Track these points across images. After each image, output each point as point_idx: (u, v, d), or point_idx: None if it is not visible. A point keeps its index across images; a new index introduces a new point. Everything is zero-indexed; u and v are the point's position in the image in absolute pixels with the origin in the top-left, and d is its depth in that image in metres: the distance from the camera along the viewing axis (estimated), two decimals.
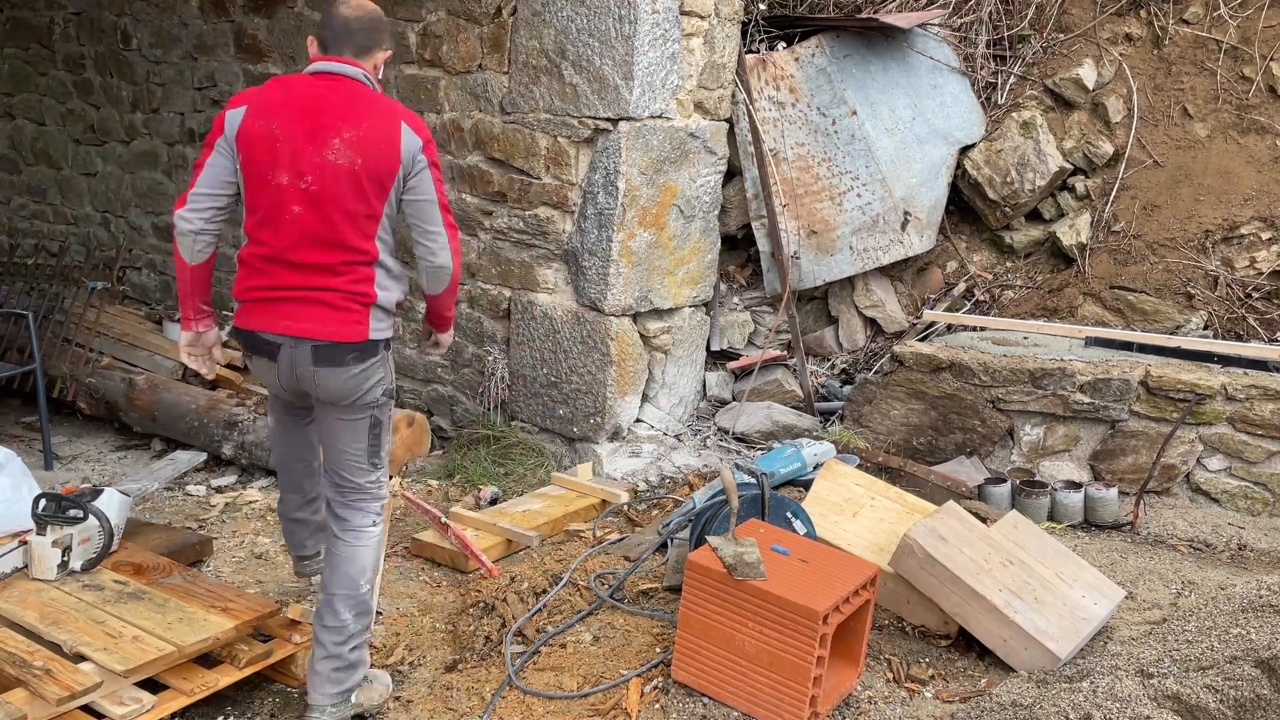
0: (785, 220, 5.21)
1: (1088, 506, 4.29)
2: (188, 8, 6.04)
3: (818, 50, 5.29)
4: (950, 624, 3.22)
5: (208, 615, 2.99)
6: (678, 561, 3.55)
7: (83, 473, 4.87)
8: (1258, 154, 5.22)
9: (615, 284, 4.65)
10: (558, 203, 4.71)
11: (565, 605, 3.42)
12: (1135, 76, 5.46)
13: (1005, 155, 5.42)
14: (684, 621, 2.92)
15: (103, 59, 6.61)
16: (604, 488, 4.44)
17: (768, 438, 4.91)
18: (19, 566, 3.19)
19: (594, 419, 4.81)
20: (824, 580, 2.83)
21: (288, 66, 5.64)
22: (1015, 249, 5.56)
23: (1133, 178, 5.35)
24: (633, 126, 4.50)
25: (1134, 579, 3.63)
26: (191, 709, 2.88)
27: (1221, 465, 4.38)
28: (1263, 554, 3.98)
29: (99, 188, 6.92)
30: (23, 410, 5.59)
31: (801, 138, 5.25)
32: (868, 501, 3.69)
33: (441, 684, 3.08)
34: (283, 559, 3.98)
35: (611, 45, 4.42)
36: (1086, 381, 4.44)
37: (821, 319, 5.64)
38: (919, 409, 4.74)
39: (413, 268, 3.11)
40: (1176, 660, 2.80)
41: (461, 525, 4.10)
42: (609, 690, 2.94)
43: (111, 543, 3.30)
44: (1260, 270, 5.01)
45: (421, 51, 5.03)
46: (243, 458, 4.78)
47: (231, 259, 3.35)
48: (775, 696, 2.76)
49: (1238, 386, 4.29)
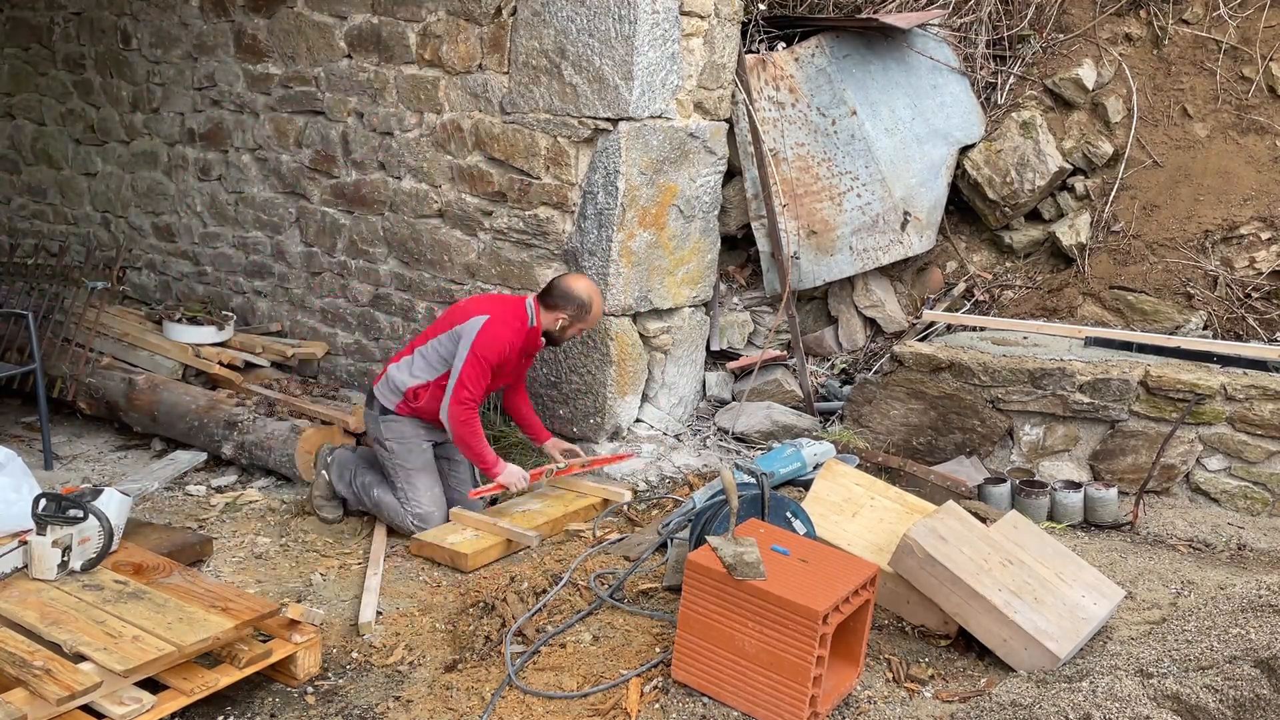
0: (785, 220, 5.21)
1: (1087, 506, 4.29)
2: (188, 8, 6.04)
3: (817, 50, 5.30)
4: (950, 624, 3.22)
5: (208, 615, 2.98)
6: (677, 561, 3.55)
7: (83, 473, 4.87)
8: (1257, 154, 5.22)
9: (615, 284, 4.65)
10: (558, 203, 4.72)
11: (565, 605, 3.42)
12: (1135, 76, 5.46)
13: (1005, 155, 5.42)
14: (684, 621, 2.92)
15: (103, 59, 6.61)
16: (604, 488, 4.45)
17: (767, 438, 4.92)
18: (19, 566, 3.19)
19: (594, 419, 4.81)
20: (824, 580, 2.83)
21: (287, 66, 5.64)
22: (1015, 249, 5.56)
23: (1132, 178, 5.36)
24: (633, 126, 4.50)
25: (1134, 579, 3.63)
26: (191, 709, 2.88)
27: (1221, 465, 4.38)
28: (1262, 554, 3.99)
29: (99, 188, 6.92)
30: (23, 410, 5.59)
31: (801, 138, 5.26)
32: (867, 501, 3.69)
33: (441, 684, 3.08)
34: (283, 559, 3.99)
35: (611, 45, 4.42)
36: (1086, 381, 4.44)
37: (821, 319, 5.65)
38: (919, 409, 4.74)
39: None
40: (1176, 660, 2.80)
41: (462, 525, 4.11)
42: (609, 690, 2.94)
43: (111, 543, 3.30)
44: (1260, 270, 5.01)
45: (421, 51, 5.04)
46: (243, 458, 4.78)
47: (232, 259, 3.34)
48: (775, 696, 2.76)
49: (1237, 386, 4.29)
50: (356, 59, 5.35)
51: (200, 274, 6.44)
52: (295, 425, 4.75)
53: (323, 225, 5.72)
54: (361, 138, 5.40)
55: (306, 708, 2.98)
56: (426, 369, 4.16)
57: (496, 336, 4.03)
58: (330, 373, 5.87)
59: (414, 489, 4.16)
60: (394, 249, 5.41)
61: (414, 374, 4.16)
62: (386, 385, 4.21)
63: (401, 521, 4.15)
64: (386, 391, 4.21)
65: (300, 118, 5.68)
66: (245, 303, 6.22)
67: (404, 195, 5.29)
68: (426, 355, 4.17)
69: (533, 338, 4.20)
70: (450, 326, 4.14)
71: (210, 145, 6.17)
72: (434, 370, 4.14)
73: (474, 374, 4.01)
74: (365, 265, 5.57)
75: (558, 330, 4.21)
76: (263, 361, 5.60)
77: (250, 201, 6.04)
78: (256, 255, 6.10)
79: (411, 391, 4.15)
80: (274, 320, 6.08)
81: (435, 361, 4.14)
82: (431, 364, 4.15)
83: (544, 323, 4.20)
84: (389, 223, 5.40)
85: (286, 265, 5.96)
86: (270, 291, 6.09)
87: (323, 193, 5.68)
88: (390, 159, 5.30)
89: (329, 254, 5.73)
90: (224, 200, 6.18)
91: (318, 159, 5.63)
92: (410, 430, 4.19)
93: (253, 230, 6.08)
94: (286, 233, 5.91)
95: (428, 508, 4.15)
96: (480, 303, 4.21)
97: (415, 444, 4.20)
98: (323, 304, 5.84)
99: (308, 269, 5.86)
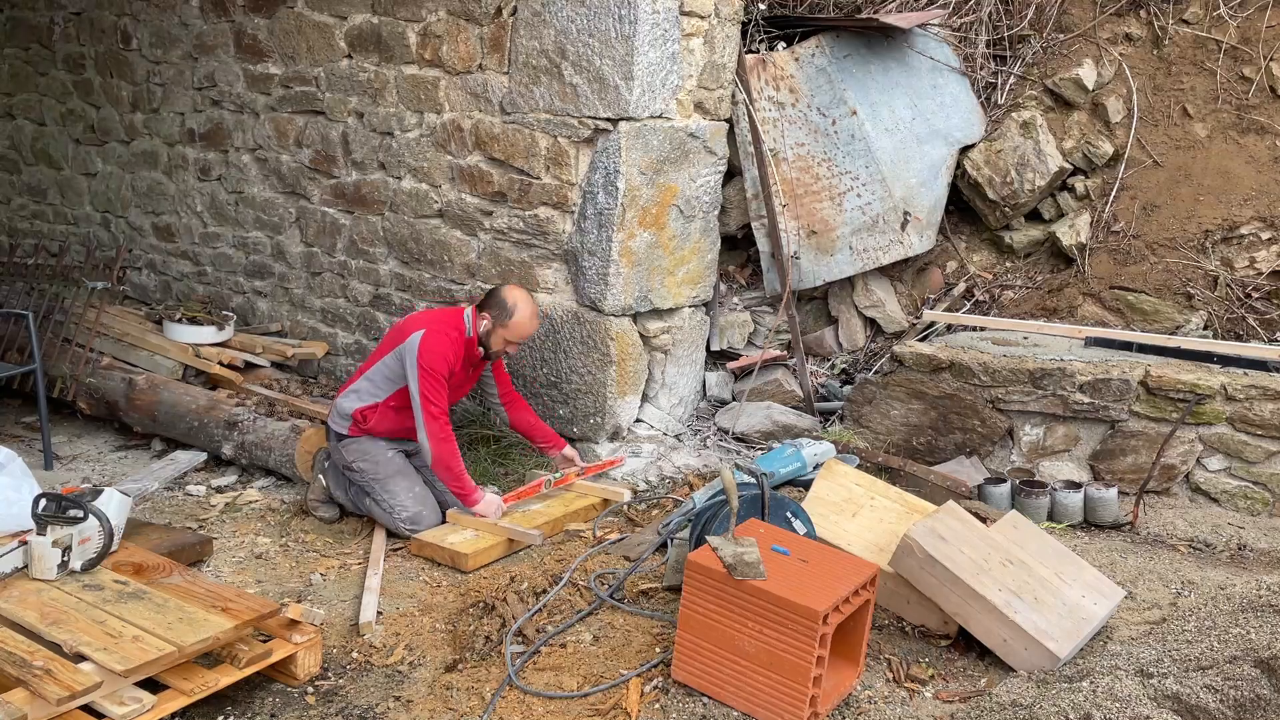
0: (785, 220, 5.21)
1: (1087, 506, 4.29)
2: (188, 8, 6.04)
3: (818, 50, 5.30)
4: (950, 624, 3.22)
5: (208, 615, 2.98)
6: (677, 561, 3.55)
7: (83, 473, 4.87)
8: (1258, 154, 5.22)
9: (615, 284, 4.65)
10: (558, 203, 4.72)
11: (565, 605, 3.42)
12: (1135, 76, 5.46)
13: (1005, 155, 5.42)
14: (684, 621, 2.92)
15: (103, 59, 6.61)
16: (604, 488, 4.45)
17: (768, 438, 4.91)
18: (19, 566, 3.19)
19: (594, 419, 4.81)
20: (824, 580, 2.83)
21: (288, 66, 5.64)
22: (1015, 249, 5.56)
23: (1133, 178, 5.35)
24: (633, 126, 4.50)
25: (1134, 579, 3.63)
26: (191, 709, 2.88)
27: (1221, 465, 4.38)
28: (1262, 554, 3.99)
29: (99, 188, 6.92)
30: (23, 410, 5.59)
31: (801, 138, 5.26)
32: (867, 501, 3.69)
33: (441, 684, 3.08)
34: (283, 559, 3.99)
35: (611, 45, 4.42)
36: (1086, 381, 4.44)
37: (821, 319, 5.64)
38: (919, 409, 4.74)
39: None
40: (1176, 660, 2.80)
41: (462, 525, 4.11)
42: (609, 690, 2.95)
43: (111, 543, 3.30)
44: (1260, 270, 5.01)
45: (422, 51, 5.04)
46: (243, 458, 4.78)
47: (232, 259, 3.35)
48: (775, 696, 2.76)
49: (1237, 386, 4.29)
50: (357, 59, 5.35)
51: (200, 274, 6.44)
52: (295, 425, 4.75)
53: (323, 225, 5.72)
54: (362, 138, 5.41)
55: (306, 708, 2.98)
56: (373, 391, 4.24)
57: (434, 347, 4.08)
58: (330, 373, 5.87)
59: (394, 495, 4.16)
60: (394, 249, 5.41)
61: (360, 398, 4.24)
62: (336, 414, 4.29)
63: (395, 528, 4.16)
64: (337, 419, 4.29)
65: (300, 118, 5.68)
66: (245, 303, 6.22)
67: (404, 195, 5.29)
68: (373, 378, 4.25)
69: (471, 347, 4.24)
70: (393, 347, 4.20)
71: (210, 145, 6.17)
72: (380, 392, 4.22)
73: (430, 387, 4.07)
74: (365, 265, 5.57)
75: (484, 334, 4.23)
76: (263, 361, 5.60)
77: (250, 201, 6.04)
78: (256, 255, 6.10)
79: (359, 413, 4.22)
80: (274, 320, 6.09)
81: (381, 383, 4.22)
82: (378, 385, 4.23)
83: (479, 329, 4.23)
84: (389, 223, 5.40)
85: (286, 265, 5.96)
86: (270, 291, 6.09)
87: (323, 193, 5.68)
88: (390, 159, 5.30)
89: (329, 254, 5.73)
90: (224, 200, 6.18)
91: (318, 159, 5.63)
92: (370, 444, 4.24)
93: (253, 230, 6.08)
94: (286, 233, 5.91)
95: (414, 509, 4.15)
96: (418, 319, 4.27)
97: (380, 454, 4.23)
98: (323, 304, 5.84)
99: (308, 269, 5.86)
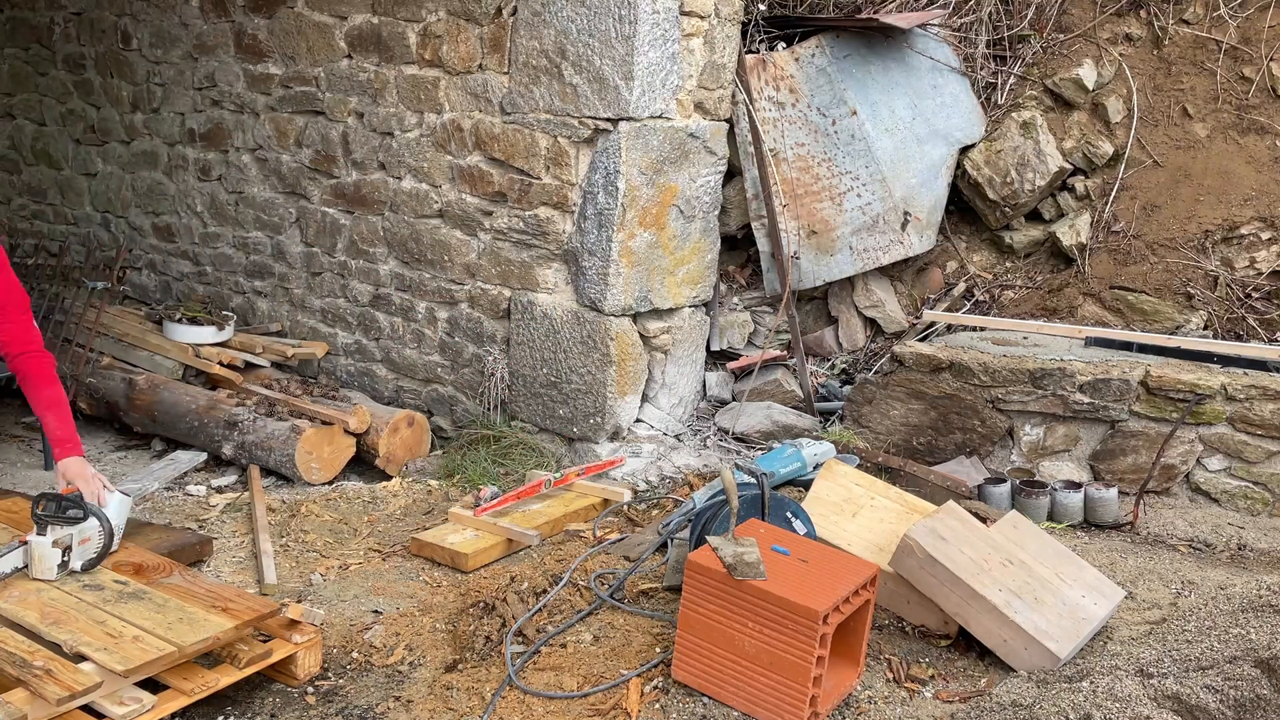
0: (785, 220, 5.21)
1: (1087, 506, 4.29)
2: (188, 8, 6.04)
3: (818, 50, 5.30)
4: (950, 624, 3.22)
5: (208, 615, 2.98)
6: (678, 561, 3.55)
7: None
8: (1258, 154, 5.22)
9: (615, 284, 4.65)
10: (558, 203, 4.72)
11: (565, 605, 3.42)
12: (1135, 76, 5.46)
13: (1005, 155, 5.42)
14: (684, 621, 2.92)
15: (103, 59, 6.61)
16: (604, 487, 4.45)
17: (768, 438, 4.91)
18: (19, 567, 3.19)
19: (594, 419, 4.81)
20: (824, 580, 2.83)
21: (288, 67, 5.64)
22: (1015, 249, 5.56)
23: (1133, 178, 5.36)
24: (633, 126, 4.50)
25: (1134, 579, 3.63)
26: (192, 709, 2.88)
27: (1221, 465, 4.38)
28: (1262, 554, 3.99)
29: (99, 188, 6.92)
30: (23, 410, 5.59)
31: (801, 138, 5.26)
32: (867, 501, 3.69)
33: (441, 684, 3.08)
34: (283, 559, 3.98)
35: (611, 45, 4.42)
36: (1086, 381, 4.44)
37: (821, 319, 5.65)
38: (919, 409, 4.74)
39: None
40: (1176, 660, 2.80)
41: (462, 525, 4.11)
42: (609, 690, 2.94)
43: (111, 543, 3.30)
44: (1260, 270, 5.01)
45: (421, 51, 5.04)
46: (243, 458, 4.79)
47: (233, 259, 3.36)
48: (775, 696, 2.76)
49: (1237, 386, 4.29)
50: (357, 59, 5.35)
51: (200, 274, 6.44)
52: (295, 425, 4.75)
53: (323, 225, 5.72)
54: (362, 138, 5.41)
55: (306, 708, 2.98)
56: None
57: None
58: (330, 373, 5.87)
59: None
60: (394, 249, 5.41)
61: None
62: None
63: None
64: None
65: (300, 118, 5.68)
66: (245, 303, 6.22)
67: (404, 195, 5.29)
68: None
69: None
70: None
71: (210, 145, 6.17)
72: None
73: None
74: (365, 265, 5.58)
75: None
76: (263, 361, 5.60)
77: (250, 201, 6.04)
78: (256, 255, 6.10)
79: None
80: (274, 320, 6.09)
81: None
82: None
83: None
84: (389, 223, 5.40)
85: (287, 265, 5.96)
86: (270, 291, 6.09)
87: (323, 193, 5.68)
88: (390, 159, 5.30)
89: (329, 254, 5.74)
90: (224, 200, 6.18)
91: (318, 159, 5.63)
92: None
93: (253, 230, 6.08)
94: (286, 233, 5.92)
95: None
96: None
97: None
98: (323, 304, 5.85)
99: (308, 269, 5.86)
